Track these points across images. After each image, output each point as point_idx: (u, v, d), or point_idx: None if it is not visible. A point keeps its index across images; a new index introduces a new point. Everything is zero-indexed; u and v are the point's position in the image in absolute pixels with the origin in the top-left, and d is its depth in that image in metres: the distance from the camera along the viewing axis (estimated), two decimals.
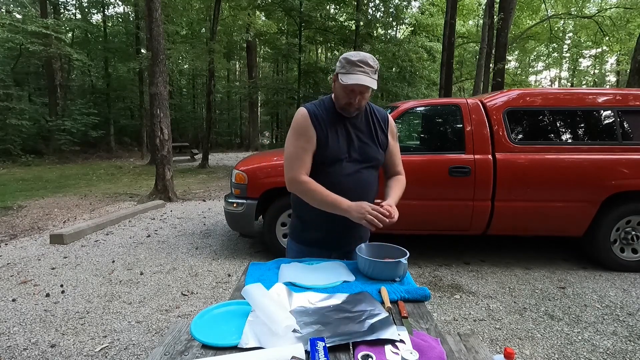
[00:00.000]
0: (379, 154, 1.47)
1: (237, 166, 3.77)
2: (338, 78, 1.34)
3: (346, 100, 1.36)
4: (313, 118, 1.39)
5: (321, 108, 1.43)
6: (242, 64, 26.99)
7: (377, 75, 1.34)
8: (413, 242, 3.99)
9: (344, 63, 1.33)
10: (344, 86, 1.32)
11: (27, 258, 3.68)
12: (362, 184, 1.44)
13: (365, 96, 1.35)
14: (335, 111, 1.43)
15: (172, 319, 2.51)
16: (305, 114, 1.40)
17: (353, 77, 1.29)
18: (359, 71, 1.29)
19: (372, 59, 1.32)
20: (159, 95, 6.58)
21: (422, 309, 1.08)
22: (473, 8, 20.74)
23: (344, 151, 1.41)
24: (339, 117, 1.42)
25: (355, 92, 1.33)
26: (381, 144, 1.48)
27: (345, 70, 1.32)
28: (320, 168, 1.41)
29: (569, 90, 3.63)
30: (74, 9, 18.61)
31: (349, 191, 1.39)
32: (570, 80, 29.03)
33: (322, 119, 1.40)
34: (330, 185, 1.39)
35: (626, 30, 15.98)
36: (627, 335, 2.28)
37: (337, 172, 1.40)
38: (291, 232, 1.60)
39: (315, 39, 15.54)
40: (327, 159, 1.40)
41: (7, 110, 13.07)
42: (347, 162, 1.41)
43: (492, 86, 9.68)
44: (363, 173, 1.44)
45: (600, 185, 3.14)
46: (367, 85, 1.29)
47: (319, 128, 1.39)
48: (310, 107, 1.43)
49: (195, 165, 12.56)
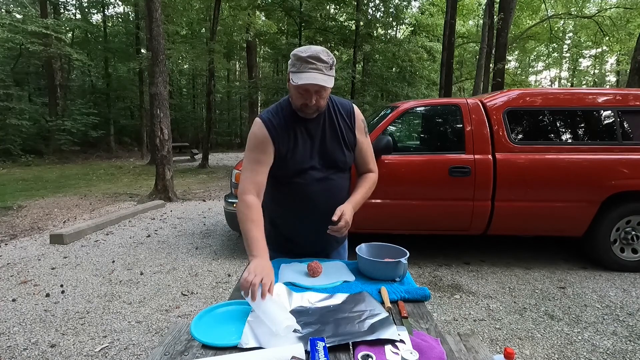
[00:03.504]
0: (347, 156, 1.36)
1: (237, 166, 3.77)
2: (290, 78, 1.21)
3: (301, 102, 1.23)
4: (270, 129, 1.27)
5: (278, 115, 1.30)
6: (242, 64, 26.98)
7: (333, 70, 1.21)
8: (413, 242, 3.99)
9: (294, 60, 1.19)
10: (297, 87, 1.19)
11: (27, 258, 3.67)
12: (332, 191, 1.35)
13: (323, 95, 1.22)
14: (295, 115, 1.30)
15: (172, 319, 2.51)
16: (260, 125, 1.28)
17: (304, 76, 1.16)
18: (310, 69, 1.16)
19: (326, 53, 1.19)
20: (159, 95, 6.58)
21: (422, 309, 1.08)
22: (473, 8, 20.74)
23: (308, 159, 1.30)
24: (298, 122, 1.30)
25: (310, 92, 1.20)
26: (348, 143, 1.36)
27: (295, 68, 1.18)
28: (284, 180, 1.33)
29: (569, 90, 3.63)
30: (74, 9, 18.60)
31: (318, 201, 1.32)
32: (570, 80, 29.02)
33: (281, 127, 1.28)
34: (298, 197, 1.32)
35: (626, 30, 15.97)
36: (627, 335, 2.28)
37: (303, 182, 1.31)
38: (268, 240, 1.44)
39: (315, 39, 15.50)
40: (290, 170, 1.30)
41: (7, 110, 13.06)
42: (312, 171, 1.31)
43: (492, 86, 9.67)
44: (332, 180, 1.34)
45: (600, 185, 3.14)
46: (320, 84, 1.16)
47: (277, 139, 1.27)
48: (266, 116, 1.30)
49: (195, 165, 12.55)
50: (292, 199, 1.36)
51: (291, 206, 1.38)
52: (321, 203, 1.32)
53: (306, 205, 1.34)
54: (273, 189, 1.37)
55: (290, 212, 1.42)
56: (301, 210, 1.37)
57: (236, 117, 26.42)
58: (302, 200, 1.33)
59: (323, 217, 1.31)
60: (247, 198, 1.24)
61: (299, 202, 1.35)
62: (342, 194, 1.38)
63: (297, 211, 1.38)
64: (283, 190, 1.36)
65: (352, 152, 1.38)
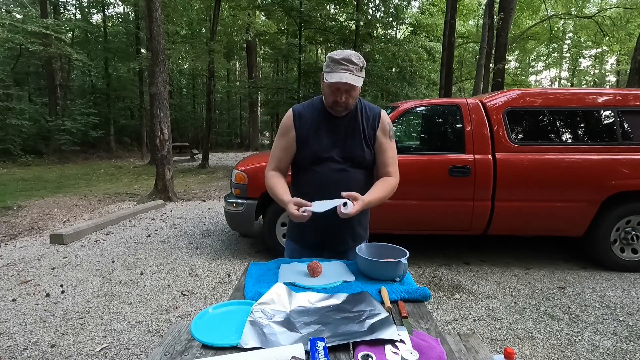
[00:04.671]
0: (366, 153, 1.44)
1: (237, 166, 3.77)
2: (324, 77, 1.36)
3: (333, 99, 1.37)
4: (296, 118, 1.44)
5: (310, 108, 1.46)
6: (242, 64, 26.99)
7: (363, 72, 1.35)
8: (413, 242, 3.99)
9: (328, 62, 1.34)
10: (329, 85, 1.34)
11: (27, 258, 3.67)
12: (348, 182, 1.42)
13: (353, 94, 1.36)
14: (325, 111, 1.44)
15: (172, 319, 2.51)
16: (290, 114, 1.46)
17: (337, 76, 1.31)
18: (342, 69, 1.30)
19: (357, 57, 1.33)
20: (159, 95, 6.58)
21: (422, 309, 1.08)
22: (473, 8, 20.74)
23: (328, 150, 1.42)
24: (327, 117, 1.44)
25: (340, 90, 1.34)
26: (369, 141, 1.45)
27: (329, 69, 1.33)
28: (306, 166, 1.46)
29: (569, 90, 3.63)
30: (74, 9, 18.61)
31: (334, 189, 1.38)
32: (570, 80, 29.02)
33: (307, 118, 1.44)
34: (315, 184, 1.43)
35: (626, 30, 15.98)
36: (627, 335, 2.28)
37: (321, 171, 1.43)
38: (288, 232, 1.64)
39: (315, 39, 15.52)
40: (308, 158, 1.43)
41: (7, 110, 13.07)
42: (330, 162, 1.42)
43: (492, 86, 9.67)
44: (349, 171, 1.44)
45: (600, 185, 3.14)
46: (350, 83, 1.30)
47: (299, 128, 1.43)
48: (297, 107, 1.47)
49: (195, 165, 12.55)
50: (310, 186, 1.46)
51: (308, 192, 1.44)
52: (337, 192, 1.37)
53: (322, 192, 1.40)
54: (294, 176, 1.54)
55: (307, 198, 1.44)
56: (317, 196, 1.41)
57: (236, 117, 26.43)
58: (319, 187, 1.42)
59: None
60: (268, 173, 1.49)
61: (315, 188, 1.43)
62: (358, 186, 1.44)
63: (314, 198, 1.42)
64: (303, 177, 1.49)
65: (371, 150, 1.46)
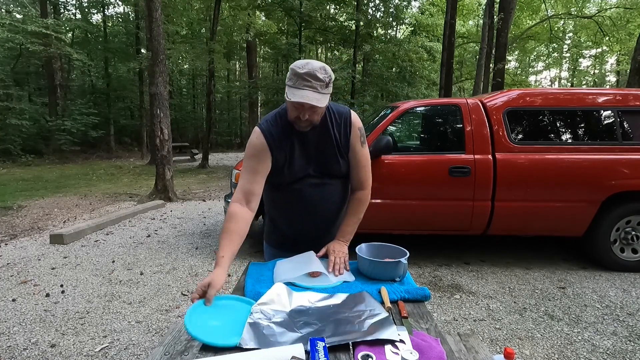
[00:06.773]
0: (342, 164, 1.37)
1: (237, 166, 3.77)
2: (286, 92, 1.21)
3: (295, 115, 1.24)
4: (268, 138, 1.30)
5: (277, 124, 1.32)
6: (242, 64, 26.98)
7: (329, 88, 1.21)
8: (413, 242, 3.99)
9: (291, 75, 1.19)
10: (291, 102, 1.21)
11: (27, 258, 3.67)
12: (327, 196, 1.40)
13: (317, 111, 1.23)
14: (291, 124, 1.31)
15: (172, 319, 2.51)
16: (259, 134, 1.30)
17: (298, 94, 1.16)
18: (306, 86, 1.16)
19: (323, 71, 1.18)
20: (159, 95, 6.58)
21: (422, 309, 1.08)
22: (473, 8, 20.74)
23: (304, 169, 1.35)
24: (295, 131, 1.31)
25: (304, 108, 1.20)
26: (343, 152, 1.37)
27: (292, 82, 1.19)
28: (283, 186, 1.37)
29: (569, 90, 3.63)
30: (74, 9, 18.59)
31: (315, 205, 1.37)
32: (570, 80, 29.01)
33: (279, 137, 1.31)
34: (295, 201, 1.38)
35: (626, 30, 15.98)
36: (627, 335, 2.28)
37: (299, 188, 1.36)
38: (265, 234, 1.59)
39: (315, 39, 15.49)
40: (287, 179, 1.35)
41: (7, 110, 13.07)
42: (308, 178, 1.36)
43: (492, 86, 9.67)
44: (328, 184, 1.39)
45: (600, 185, 3.14)
46: (312, 104, 1.17)
47: (274, 149, 1.30)
48: (265, 126, 1.32)
49: (195, 165, 12.55)
50: (290, 203, 1.41)
51: (289, 209, 1.43)
52: (317, 206, 1.38)
53: (303, 208, 1.40)
54: (272, 192, 1.42)
55: (288, 214, 1.47)
56: (298, 213, 1.42)
57: (236, 117, 26.42)
58: (299, 204, 1.38)
59: (320, 219, 1.42)
60: (231, 207, 1.28)
61: (296, 205, 1.40)
62: (338, 197, 1.44)
63: (295, 214, 1.44)
64: (280, 195, 1.41)
65: (347, 160, 1.39)
